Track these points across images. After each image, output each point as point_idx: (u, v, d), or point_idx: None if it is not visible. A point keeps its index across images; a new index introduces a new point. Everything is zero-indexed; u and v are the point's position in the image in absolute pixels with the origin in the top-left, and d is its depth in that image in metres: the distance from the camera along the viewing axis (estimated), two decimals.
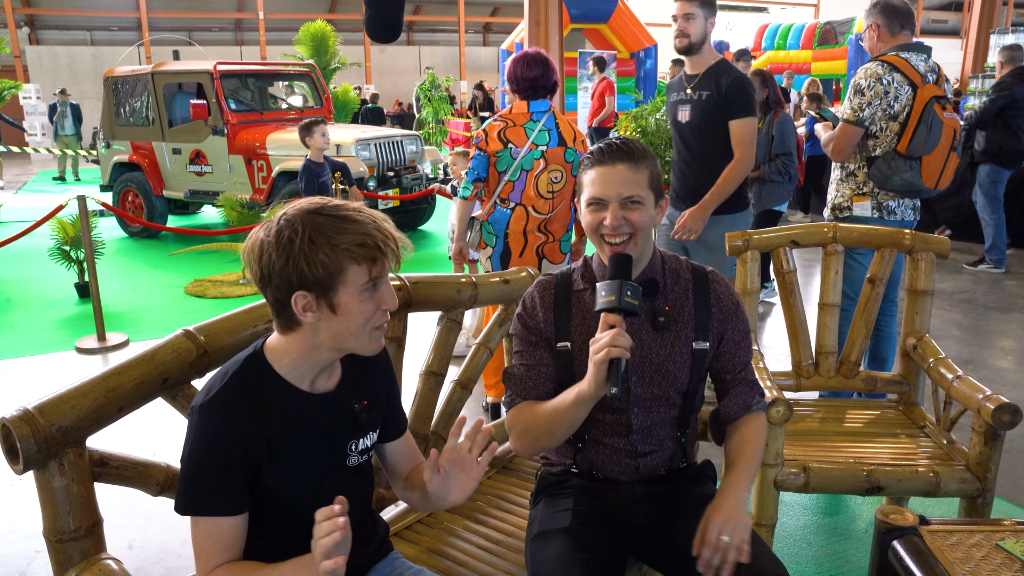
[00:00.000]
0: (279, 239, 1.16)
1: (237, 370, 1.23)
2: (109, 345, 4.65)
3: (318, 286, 1.17)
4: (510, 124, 3.14)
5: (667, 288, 1.56)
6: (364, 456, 1.36)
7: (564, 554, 1.42)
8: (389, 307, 1.24)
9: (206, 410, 1.19)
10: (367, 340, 1.24)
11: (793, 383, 2.58)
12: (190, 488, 1.20)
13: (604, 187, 1.48)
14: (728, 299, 1.58)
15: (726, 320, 1.57)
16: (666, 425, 1.58)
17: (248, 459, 1.20)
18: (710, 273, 1.60)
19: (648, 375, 1.53)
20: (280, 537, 1.28)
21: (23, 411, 1.18)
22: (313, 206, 1.20)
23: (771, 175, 4.68)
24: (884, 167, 2.98)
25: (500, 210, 3.22)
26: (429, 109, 14.07)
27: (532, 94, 3.16)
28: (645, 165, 1.50)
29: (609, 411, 1.55)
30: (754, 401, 1.61)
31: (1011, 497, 2.80)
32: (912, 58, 2.97)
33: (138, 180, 8.22)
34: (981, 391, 2.03)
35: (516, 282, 2.08)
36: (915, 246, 2.46)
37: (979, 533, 1.47)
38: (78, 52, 20.81)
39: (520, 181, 3.17)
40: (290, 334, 1.23)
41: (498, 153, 3.13)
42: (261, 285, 1.21)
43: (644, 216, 1.49)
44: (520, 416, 1.54)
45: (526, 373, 1.57)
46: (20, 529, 2.75)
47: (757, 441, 1.57)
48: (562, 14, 9.21)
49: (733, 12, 27.91)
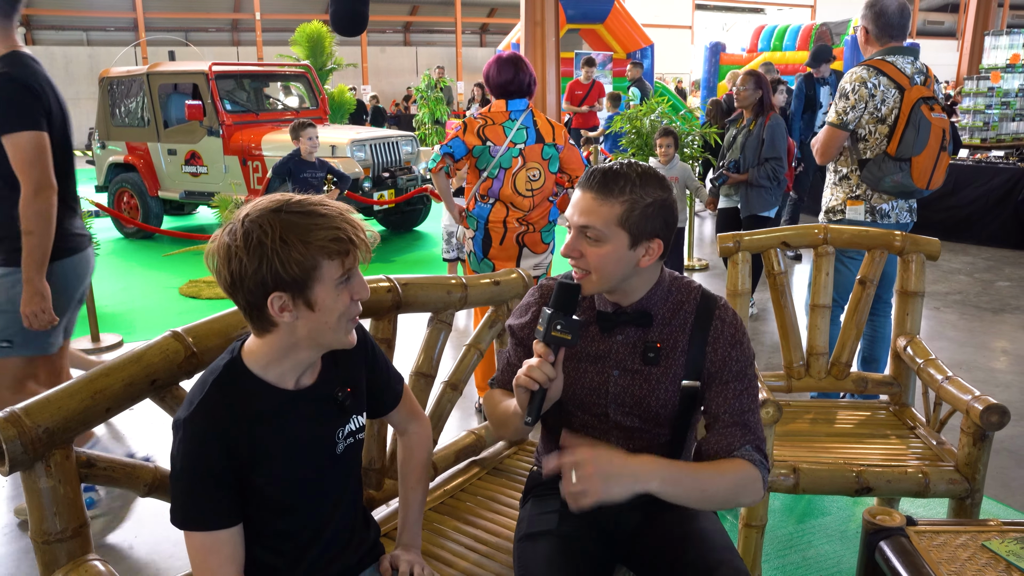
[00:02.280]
0: (248, 241, 1.14)
1: (216, 379, 1.22)
2: (103, 346, 4.64)
3: (294, 285, 1.16)
4: (489, 122, 3.20)
5: (663, 321, 1.48)
6: (351, 439, 1.37)
7: (551, 555, 1.42)
8: (362, 297, 1.24)
9: (189, 423, 1.19)
10: (343, 333, 1.24)
11: (784, 384, 2.59)
12: (186, 502, 1.19)
13: (571, 211, 1.42)
14: (725, 339, 1.45)
15: (719, 359, 1.45)
16: (654, 451, 1.52)
17: (237, 465, 1.20)
18: (718, 308, 1.48)
19: (627, 406, 1.48)
20: (275, 541, 1.29)
21: (9, 412, 1.18)
22: (275, 204, 1.18)
23: (759, 179, 4.53)
24: (875, 169, 2.99)
25: (480, 205, 3.31)
26: (425, 110, 14.05)
27: (507, 95, 3.23)
28: (621, 201, 1.37)
29: (587, 428, 1.53)
30: (739, 446, 1.41)
31: (1000, 497, 2.81)
32: (898, 61, 2.98)
33: (133, 181, 8.20)
34: (970, 392, 2.04)
35: (506, 284, 2.08)
36: (905, 247, 2.47)
37: (965, 534, 1.48)
38: (74, 52, 20.76)
39: (498, 179, 3.23)
40: (266, 336, 1.22)
41: (475, 149, 3.19)
42: (231, 291, 1.19)
43: (606, 254, 1.38)
44: (490, 401, 1.62)
45: (507, 367, 1.61)
46: (8, 530, 2.75)
47: (724, 475, 1.37)
48: (558, 15, 9.21)
49: (730, 13, 27.96)
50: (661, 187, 1.41)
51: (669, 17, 25.08)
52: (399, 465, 1.57)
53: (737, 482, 1.37)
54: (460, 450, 2.07)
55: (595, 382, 1.49)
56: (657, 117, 5.95)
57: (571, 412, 1.53)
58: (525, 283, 2.11)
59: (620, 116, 6.61)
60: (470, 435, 2.12)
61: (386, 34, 25.77)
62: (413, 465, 1.55)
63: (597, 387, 1.49)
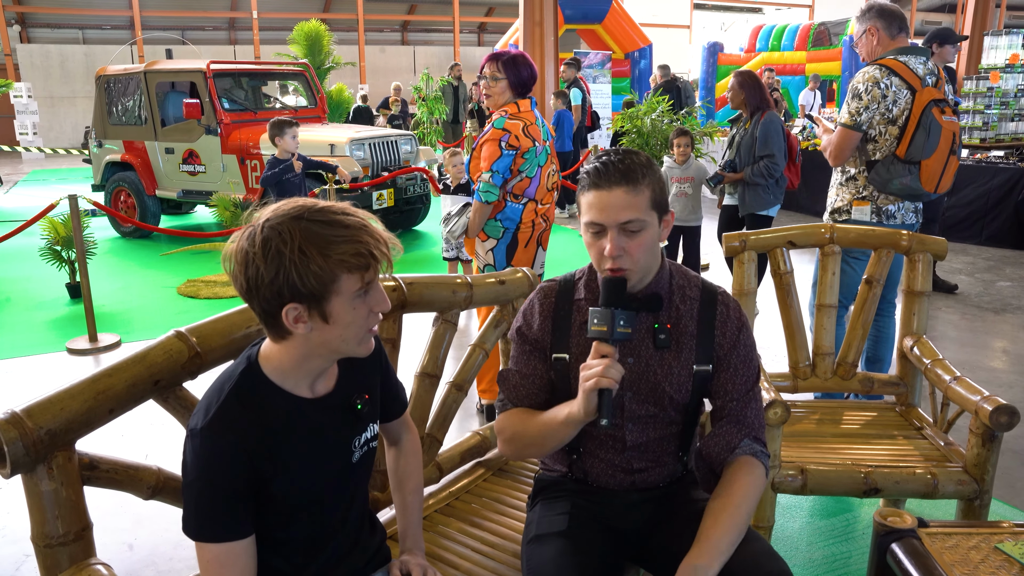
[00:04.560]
0: (266, 249, 1.10)
1: (233, 385, 1.19)
2: (101, 346, 4.61)
3: (310, 298, 1.12)
4: (528, 122, 3.17)
5: (672, 305, 1.50)
6: (366, 447, 1.35)
7: (560, 557, 1.40)
8: (382, 309, 1.21)
9: (208, 432, 1.15)
10: (358, 344, 1.21)
11: (790, 384, 2.57)
12: (200, 513, 1.16)
13: (602, 213, 1.40)
14: (732, 323, 1.50)
15: (726, 344, 1.49)
16: (666, 442, 1.54)
17: (256, 475, 1.17)
18: (720, 295, 1.53)
19: (644, 392, 1.49)
20: (286, 547, 1.27)
21: (10, 414, 1.16)
22: (297, 210, 1.14)
23: (753, 178, 4.51)
24: (883, 171, 2.97)
25: (512, 206, 3.22)
26: (424, 109, 14.03)
27: (526, 94, 3.22)
28: (646, 184, 1.41)
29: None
30: (739, 443, 1.46)
31: (1008, 499, 2.79)
32: (911, 61, 2.95)
33: (130, 180, 8.17)
34: (979, 392, 2.02)
35: (512, 283, 2.06)
36: (912, 247, 2.46)
37: (977, 535, 1.46)
38: (70, 51, 20.68)
39: (536, 177, 3.22)
40: (282, 343, 1.20)
41: (528, 150, 3.15)
42: (247, 297, 1.16)
43: (646, 240, 1.42)
44: (509, 422, 1.53)
45: (520, 381, 1.55)
46: (8, 533, 2.72)
47: (743, 506, 1.38)
48: (557, 14, 9.20)
49: (728, 13, 27.96)
50: (652, 162, 1.47)
51: (667, 17, 25.07)
52: (394, 472, 1.55)
53: (751, 496, 1.41)
54: (465, 451, 2.05)
55: None
56: (658, 116, 5.93)
57: None
58: (531, 282, 2.09)
59: (621, 115, 6.59)
60: (475, 436, 2.10)
61: (384, 33, 25.74)
62: (410, 471, 1.54)
63: None
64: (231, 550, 1.16)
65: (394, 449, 1.56)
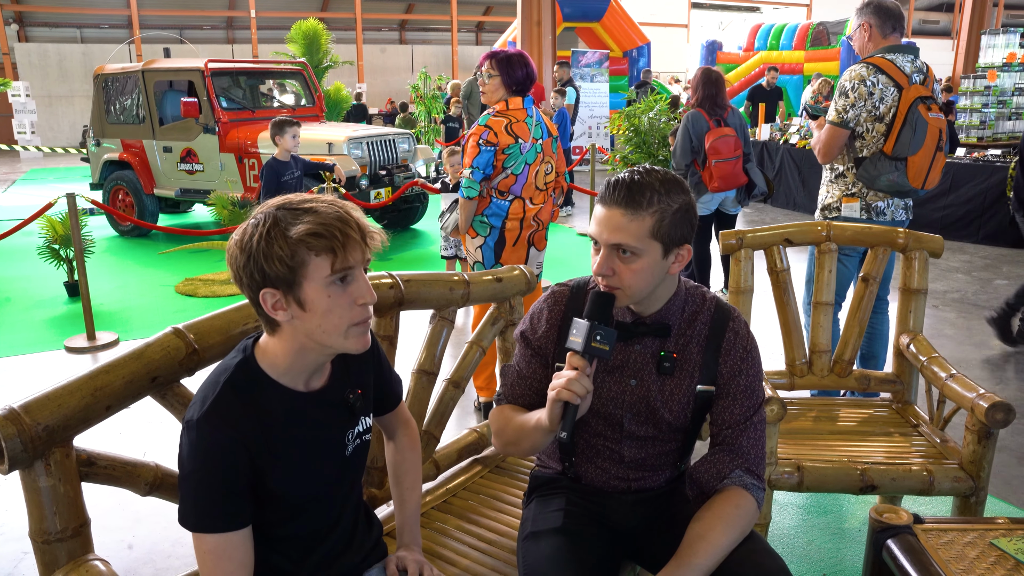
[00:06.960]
0: (242, 237, 1.16)
1: (229, 377, 1.20)
2: (99, 344, 4.61)
3: (282, 282, 1.14)
4: (513, 120, 3.18)
5: (679, 332, 1.48)
6: (359, 441, 1.36)
7: (556, 554, 1.41)
8: (366, 301, 1.19)
9: (204, 423, 1.16)
10: (344, 338, 1.20)
11: (787, 382, 2.58)
12: (197, 504, 1.16)
13: (597, 228, 1.38)
14: (738, 351, 1.47)
15: (728, 372, 1.46)
16: (664, 456, 1.54)
17: (250, 467, 1.18)
18: (732, 320, 1.49)
19: (643, 415, 1.48)
20: (283, 542, 1.28)
21: (8, 410, 1.16)
22: (279, 201, 1.18)
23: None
24: (871, 168, 2.99)
25: (497, 202, 3.23)
26: (421, 108, 14.04)
27: (522, 92, 3.22)
28: (651, 211, 1.34)
29: (601, 437, 1.52)
30: (731, 473, 1.41)
31: (1003, 496, 2.80)
32: (898, 59, 2.97)
33: (128, 178, 8.16)
34: (974, 390, 2.03)
35: (509, 281, 2.06)
36: (908, 244, 2.47)
37: (973, 532, 1.47)
38: (68, 49, 20.65)
39: (523, 175, 3.23)
40: (275, 335, 1.21)
41: (509, 147, 3.15)
42: (239, 286, 1.19)
43: (640, 268, 1.36)
44: (498, 418, 1.55)
45: (517, 380, 1.56)
46: (7, 530, 2.72)
47: (722, 538, 1.33)
48: (555, 13, 9.21)
49: (726, 12, 27.97)
50: (683, 191, 1.39)
51: (665, 15, 25.09)
52: (393, 467, 1.55)
53: (731, 530, 1.35)
54: (462, 448, 2.06)
55: (613, 391, 1.48)
56: (655, 115, 5.94)
57: (586, 420, 1.51)
58: (528, 280, 2.09)
59: (619, 114, 6.59)
60: (472, 433, 2.11)
61: (382, 32, 25.72)
62: (408, 467, 1.54)
63: (615, 396, 1.48)
64: (228, 541, 1.17)
65: (393, 443, 1.57)
